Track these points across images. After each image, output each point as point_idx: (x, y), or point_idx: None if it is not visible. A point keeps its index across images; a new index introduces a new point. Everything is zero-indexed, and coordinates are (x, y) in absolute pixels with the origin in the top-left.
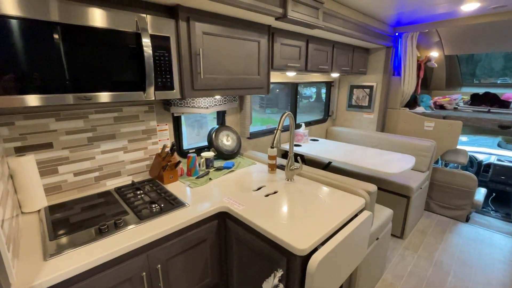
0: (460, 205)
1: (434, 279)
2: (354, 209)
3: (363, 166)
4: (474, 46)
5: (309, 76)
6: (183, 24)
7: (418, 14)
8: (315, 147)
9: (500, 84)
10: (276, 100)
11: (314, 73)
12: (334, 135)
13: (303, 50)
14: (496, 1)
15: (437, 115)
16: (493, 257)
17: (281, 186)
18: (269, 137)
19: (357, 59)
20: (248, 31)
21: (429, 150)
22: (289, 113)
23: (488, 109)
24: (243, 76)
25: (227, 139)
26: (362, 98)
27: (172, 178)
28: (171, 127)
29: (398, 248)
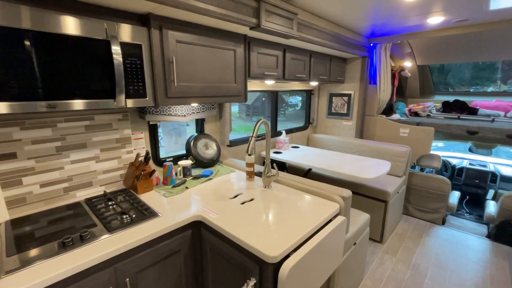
0: (436, 208)
1: (411, 282)
2: (328, 215)
3: (341, 172)
4: (442, 57)
5: (289, 85)
6: (156, 32)
7: (390, 26)
8: (296, 154)
9: (472, 92)
10: (262, 108)
11: (293, 81)
12: (315, 142)
13: (280, 59)
14: (458, 16)
15: (412, 122)
16: (467, 258)
17: (258, 193)
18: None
19: (334, 68)
20: (223, 40)
21: (404, 156)
22: (264, 121)
23: (458, 116)
24: (220, 84)
25: (206, 147)
26: (341, 106)
27: (146, 188)
28: (147, 136)
29: (378, 252)
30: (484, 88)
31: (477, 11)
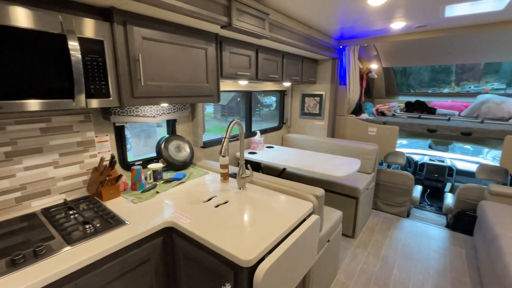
0: (402, 202)
1: (381, 274)
2: (302, 214)
3: (315, 171)
4: (405, 60)
5: (262, 85)
6: (119, 28)
7: (358, 29)
8: (270, 154)
9: (430, 93)
10: (237, 108)
11: (266, 82)
12: (289, 142)
13: (253, 59)
14: (418, 22)
15: (379, 121)
16: (429, 248)
17: (233, 195)
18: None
19: (306, 69)
20: (194, 38)
21: (373, 153)
22: (237, 121)
23: (419, 115)
24: (191, 83)
25: (178, 149)
26: (313, 106)
27: (113, 194)
28: (113, 138)
29: (350, 247)
30: (440, 89)
31: (434, 18)
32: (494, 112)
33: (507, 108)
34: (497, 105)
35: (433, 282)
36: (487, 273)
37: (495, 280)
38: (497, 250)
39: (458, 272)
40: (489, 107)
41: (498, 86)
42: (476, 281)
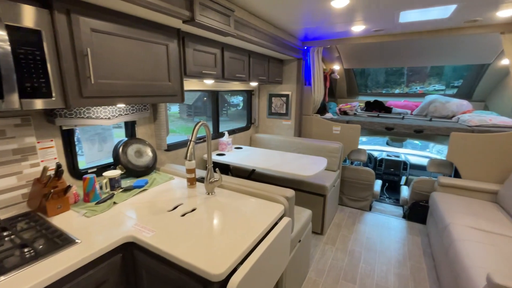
0: (365, 197)
1: (349, 268)
2: (274, 217)
3: (284, 171)
4: (364, 62)
5: (229, 85)
6: (61, 17)
7: (321, 31)
8: (239, 155)
9: (384, 94)
10: (204, 108)
11: (233, 81)
12: (258, 142)
13: (218, 57)
14: (376, 26)
15: (342, 120)
16: (390, 239)
17: (201, 201)
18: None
19: (273, 69)
20: (153, 33)
21: (338, 152)
22: (204, 123)
23: (377, 114)
24: (151, 82)
25: (139, 154)
26: (280, 106)
27: (60, 208)
28: (60, 144)
29: (319, 244)
30: (392, 90)
31: (390, 23)
32: (440, 111)
33: (450, 107)
34: (443, 104)
35: (395, 272)
36: (440, 259)
37: (448, 266)
38: (449, 237)
39: (416, 260)
40: (436, 106)
41: (439, 87)
42: (431, 267)
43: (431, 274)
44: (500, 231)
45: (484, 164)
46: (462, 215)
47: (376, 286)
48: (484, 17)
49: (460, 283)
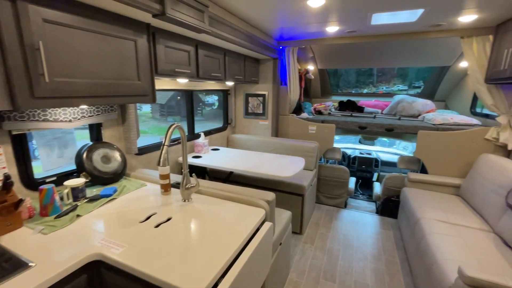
0: (340, 194)
1: (328, 267)
2: (255, 223)
3: (262, 173)
4: (337, 62)
5: (204, 84)
6: (5, 4)
7: (296, 31)
8: (216, 157)
9: (353, 93)
10: (178, 107)
11: (208, 80)
12: (235, 143)
13: (192, 55)
14: (349, 27)
15: (317, 120)
16: (365, 234)
17: (176, 210)
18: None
19: (249, 68)
20: (120, 27)
21: (314, 151)
22: (178, 125)
23: (351, 113)
24: (118, 81)
25: (106, 159)
26: (257, 106)
27: (10, 226)
28: (10, 151)
29: (299, 244)
30: (362, 90)
31: (362, 25)
32: (407, 110)
33: (416, 107)
34: (409, 104)
35: (371, 267)
36: (412, 252)
37: (420, 259)
38: (420, 231)
39: (389, 254)
40: (403, 106)
41: (402, 87)
42: (403, 259)
43: (404, 267)
44: (465, 223)
45: (448, 160)
46: (431, 209)
47: (354, 283)
48: (447, 22)
49: (433, 275)
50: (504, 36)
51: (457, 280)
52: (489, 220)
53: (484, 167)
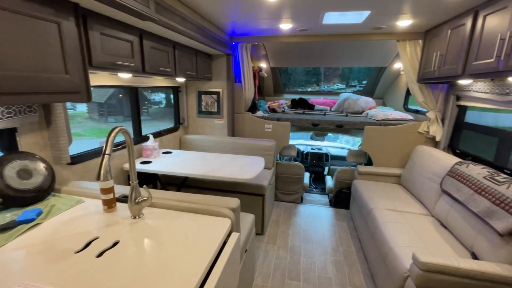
0: (296, 190)
1: (292, 266)
2: (221, 237)
3: (222, 176)
4: (288, 61)
5: (152, 80)
6: None
7: (249, 26)
8: (168, 161)
9: (299, 91)
10: (120, 106)
11: (156, 76)
12: (189, 144)
13: (136, 46)
14: (301, 25)
15: (273, 118)
16: (323, 228)
17: (125, 230)
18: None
19: (201, 64)
20: (34, 3)
21: (271, 149)
22: (122, 128)
23: (303, 111)
24: (37, 74)
25: (24, 173)
26: (211, 104)
27: None
28: None
29: (261, 245)
30: (311, 88)
31: (314, 23)
32: (352, 107)
33: (360, 104)
34: (354, 101)
35: (331, 260)
36: (366, 241)
37: (375, 247)
38: (373, 222)
39: (346, 244)
40: (349, 103)
41: (340, 86)
42: (358, 248)
43: (360, 256)
44: (409, 209)
45: (390, 152)
46: (380, 199)
47: (318, 279)
48: (387, 25)
49: (389, 263)
50: (431, 41)
51: (412, 265)
52: (427, 205)
53: (420, 157)
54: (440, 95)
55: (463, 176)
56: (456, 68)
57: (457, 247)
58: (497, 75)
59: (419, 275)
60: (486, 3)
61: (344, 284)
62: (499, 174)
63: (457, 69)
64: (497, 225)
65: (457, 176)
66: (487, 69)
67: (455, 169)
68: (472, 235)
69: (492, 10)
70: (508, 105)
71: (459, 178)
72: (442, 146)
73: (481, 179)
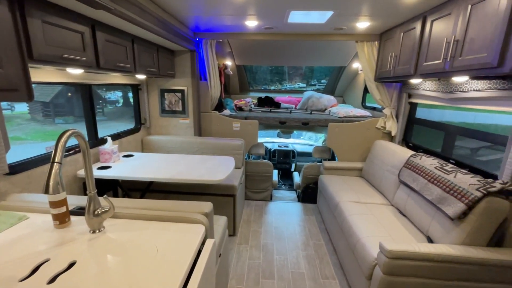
0: (266, 187)
1: (266, 264)
2: (195, 245)
3: (191, 179)
4: (253, 59)
5: (108, 77)
6: None
7: (214, 22)
8: (130, 165)
9: (263, 90)
10: (69, 106)
11: (113, 72)
12: (152, 146)
13: (88, 38)
14: (266, 23)
15: (241, 116)
16: (293, 223)
17: (82, 248)
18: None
19: (163, 60)
20: None
21: (240, 148)
22: (75, 131)
23: (270, 109)
24: None
25: None
26: (175, 103)
27: None
28: None
29: (234, 246)
30: (274, 87)
31: (279, 22)
32: (316, 105)
33: (323, 102)
34: (317, 99)
35: (303, 254)
36: (335, 233)
37: (344, 239)
38: (341, 214)
39: (316, 238)
40: (313, 101)
41: (301, 85)
42: (327, 241)
43: (329, 248)
44: (371, 201)
45: (352, 147)
46: (345, 193)
47: (291, 275)
48: (348, 27)
49: (357, 253)
50: (386, 43)
51: (379, 254)
52: (387, 195)
53: (378, 151)
54: (394, 93)
55: (417, 167)
56: (409, 68)
57: (415, 233)
58: (444, 75)
59: (386, 263)
60: (433, 9)
61: (316, 277)
62: (447, 164)
63: (410, 69)
64: (448, 210)
65: (413, 168)
66: (436, 70)
67: (411, 161)
68: (427, 220)
69: (438, 16)
70: (452, 102)
71: (414, 169)
72: (397, 140)
73: (433, 169)
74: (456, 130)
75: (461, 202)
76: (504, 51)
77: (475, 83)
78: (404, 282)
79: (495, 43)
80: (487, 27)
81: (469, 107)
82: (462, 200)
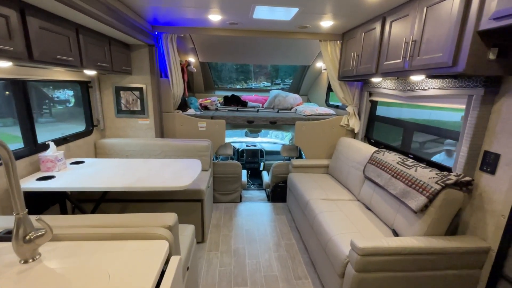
0: (235, 189)
1: (237, 270)
2: (158, 265)
3: (152, 186)
4: (217, 56)
5: (50, 72)
6: None
7: (174, 15)
8: (80, 174)
9: (228, 88)
10: (9, 106)
11: (55, 66)
12: (107, 150)
13: (15, 24)
14: (231, 18)
15: (207, 116)
16: (264, 224)
17: (9, 284)
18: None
19: (117, 54)
20: None
21: (207, 150)
22: None
23: (236, 108)
24: None
25: None
26: (133, 102)
27: None
28: None
29: (203, 254)
30: (240, 85)
31: (244, 17)
32: (283, 103)
33: (289, 101)
34: (284, 98)
35: (275, 256)
36: (305, 231)
37: (315, 237)
38: (311, 212)
39: (287, 237)
40: (279, 100)
41: (266, 84)
42: (298, 239)
43: (300, 246)
44: (339, 197)
45: (318, 145)
46: (314, 190)
47: (264, 278)
48: (312, 25)
49: (329, 251)
50: (348, 42)
51: (351, 251)
52: (353, 191)
53: (343, 148)
54: (356, 92)
55: (381, 163)
56: (371, 67)
57: (381, 226)
58: (404, 74)
59: (358, 260)
60: (391, 11)
61: (289, 279)
62: (407, 159)
63: (372, 68)
64: (411, 203)
65: (376, 163)
66: (396, 69)
67: (374, 157)
68: (392, 214)
69: (396, 17)
70: (410, 100)
71: (378, 165)
72: (360, 137)
73: (395, 164)
74: (413, 126)
75: (423, 195)
76: (458, 52)
77: (430, 81)
78: (376, 278)
79: (449, 44)
80: (441, 29)
81: (424, 104)
82: (423, 194)
